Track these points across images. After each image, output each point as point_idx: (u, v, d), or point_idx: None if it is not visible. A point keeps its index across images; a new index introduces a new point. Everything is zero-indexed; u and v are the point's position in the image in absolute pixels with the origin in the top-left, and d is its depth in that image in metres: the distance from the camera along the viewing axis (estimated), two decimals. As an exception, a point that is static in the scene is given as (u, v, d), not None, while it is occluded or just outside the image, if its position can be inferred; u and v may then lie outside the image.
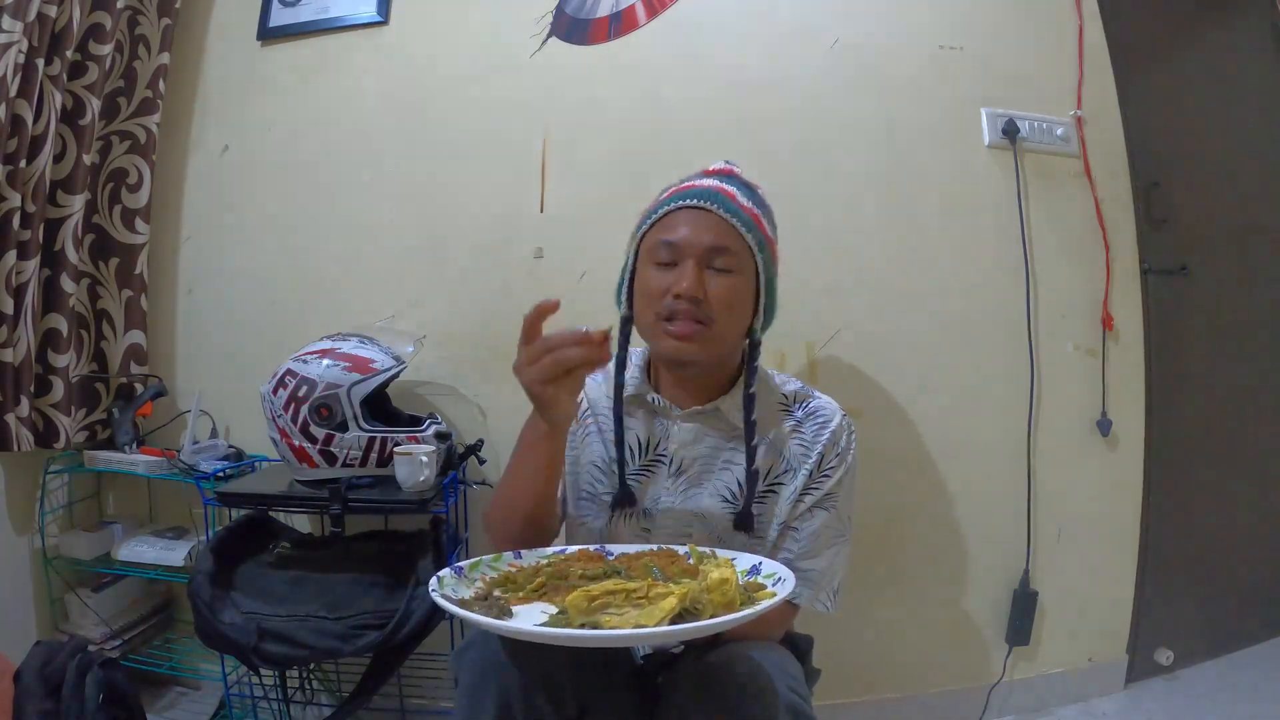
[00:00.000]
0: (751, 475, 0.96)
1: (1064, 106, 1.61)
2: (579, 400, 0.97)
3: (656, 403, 1.00)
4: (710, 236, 0.92)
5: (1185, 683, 1.67)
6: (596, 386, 1.04)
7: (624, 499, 0.99)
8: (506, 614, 0.73)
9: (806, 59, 1.59)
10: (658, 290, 0.93)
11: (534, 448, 0.88)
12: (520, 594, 0.78)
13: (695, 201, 0.94)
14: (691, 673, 0.79)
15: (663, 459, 1.00)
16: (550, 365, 0.78)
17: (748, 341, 0.99)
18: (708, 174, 1.01)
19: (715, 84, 1.60)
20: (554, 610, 0.73)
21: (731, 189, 0.96)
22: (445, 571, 0.80)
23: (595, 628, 0.67)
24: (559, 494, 0.98)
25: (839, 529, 0.98)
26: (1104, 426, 1.60)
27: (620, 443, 0.99)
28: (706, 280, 0.92)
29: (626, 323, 1.00)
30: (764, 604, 0.71)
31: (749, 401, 0.96)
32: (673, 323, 0.92)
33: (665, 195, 0.99)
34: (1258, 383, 1.83)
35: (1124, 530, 1.64)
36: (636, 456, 1.01)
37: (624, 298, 1.01)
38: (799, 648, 1.04)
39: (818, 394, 1.03)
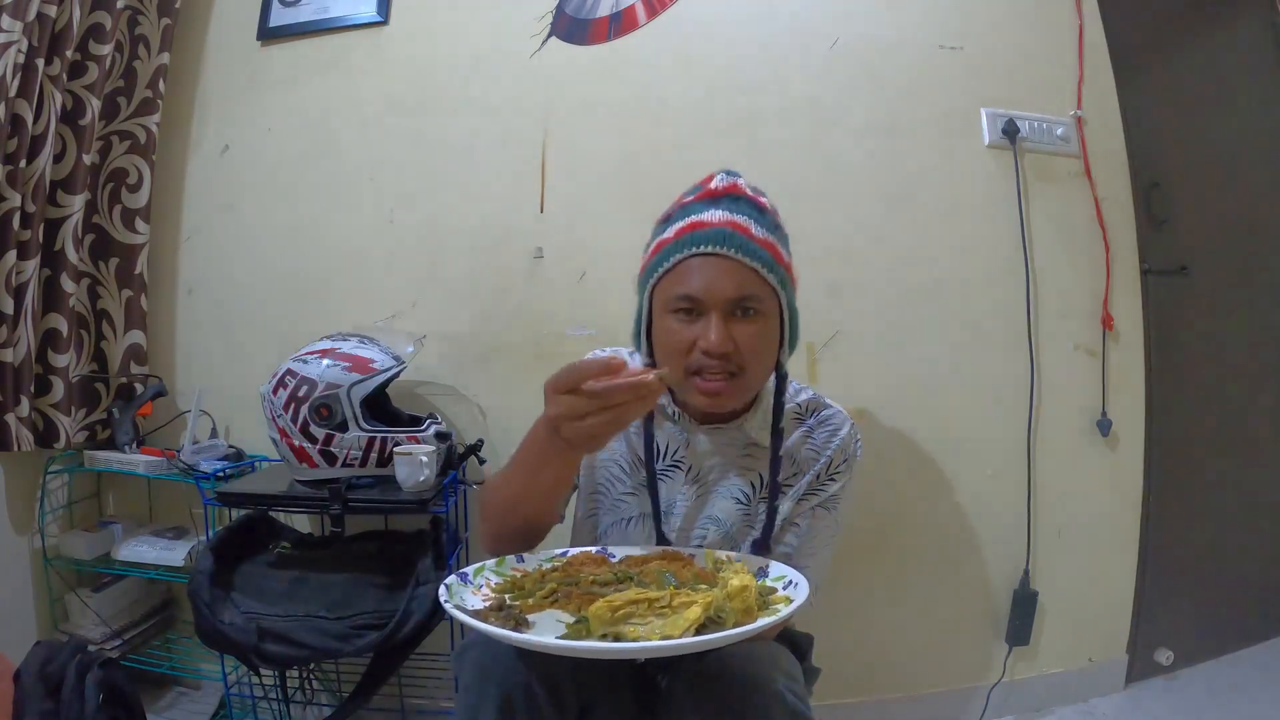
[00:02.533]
0: (772, 510, 0.96)
1: (1064, 106, 1.61)
2: None
3: (677, 415, 1.01)
4: (732, 286, 0.87)
5: (1185, 683, 1.67)
6: None
7: (660, 543, 0.98)
8: (524, 624, 0.72)
9: (806, 59, 1.59)
10: (683, 344, 0.88)
11: (548, 462, 0.83)
12: (530, 601, 0.78)
13: (710, 248, 0.88)
14: (692, 672, 0.79)
15: (680, 465, 1.01)
16: (604, 425, 0.72)
17: (774, 375, 0.97)
18: (712, 196, 0.93)
19: (715, 84, 1.60)
20: (568, 618, 0.73)
21: (745, 221, 0.90)
22: (452, 579, 0.80)
23: (618, 638, 0.66)
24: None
25: (833, 529, 0.99)
26: (1104, 426, 1.59)
27: (658, 513, 0.98)
28: (732, 329, 0.87)
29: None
30: (785, 610, 0.72)
31: (777, 439, 0.96)
32: (701, 376, 0.88)
33: (673, 236, 0.91)
34: (1258, 383, 1.83)
35: (1124, 530, 1.64)
36: (655, 462, 1.01)
37: (644, 345, 0.97)
38: (799, 647, 1.04)
39: (830, 403, 1.03)
